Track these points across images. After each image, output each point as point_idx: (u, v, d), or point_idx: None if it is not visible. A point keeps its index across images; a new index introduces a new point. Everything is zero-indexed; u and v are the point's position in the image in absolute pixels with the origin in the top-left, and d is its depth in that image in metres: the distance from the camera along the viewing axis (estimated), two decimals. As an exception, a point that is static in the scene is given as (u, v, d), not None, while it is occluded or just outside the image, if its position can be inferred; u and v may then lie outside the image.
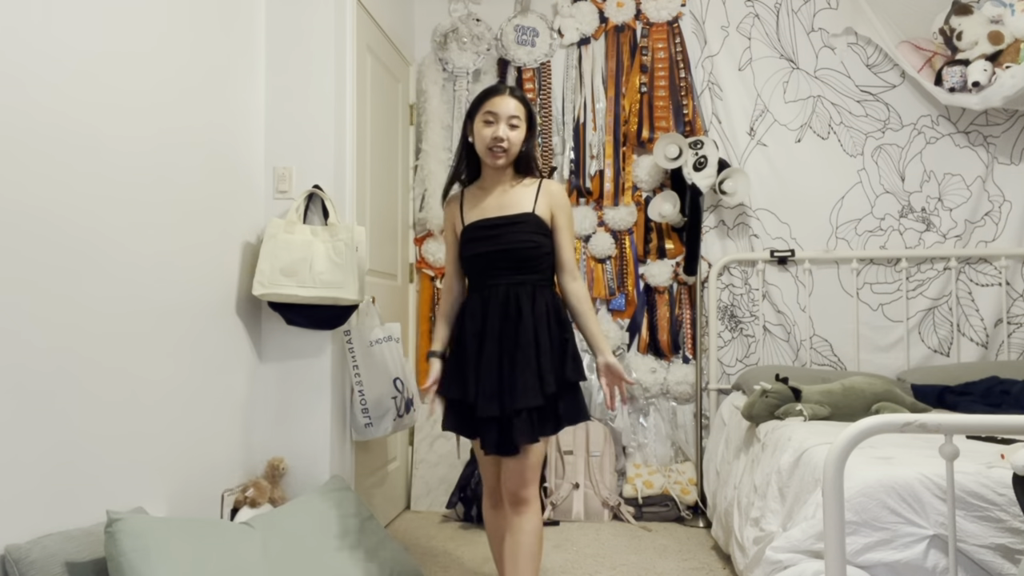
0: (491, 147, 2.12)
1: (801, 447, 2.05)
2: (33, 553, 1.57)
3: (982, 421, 1.45)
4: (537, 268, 2.14)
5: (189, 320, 2.27)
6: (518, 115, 2.13)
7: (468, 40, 3.76)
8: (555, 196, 2.19)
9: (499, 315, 2.09)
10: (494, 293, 2.11)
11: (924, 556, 1.61)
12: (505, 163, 2.16)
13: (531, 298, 2.09)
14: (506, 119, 2.11)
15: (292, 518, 2.22)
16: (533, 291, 2.11)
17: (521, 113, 2.14)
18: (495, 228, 2.14)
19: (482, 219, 2.17)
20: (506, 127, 2.11)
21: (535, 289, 2.11)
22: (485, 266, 2.15)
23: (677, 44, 3.69)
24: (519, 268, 2.12)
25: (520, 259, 2.11)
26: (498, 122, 2.11)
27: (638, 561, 2.84)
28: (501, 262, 2.12)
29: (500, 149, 2.12)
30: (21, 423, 1.64)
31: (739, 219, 3.62)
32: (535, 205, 2.15)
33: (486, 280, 2.14)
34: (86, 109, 1.85)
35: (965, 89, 3.23)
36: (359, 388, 2.77)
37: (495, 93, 2.15)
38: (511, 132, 2.12)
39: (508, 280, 2.11)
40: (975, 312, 3.44)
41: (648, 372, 3.59)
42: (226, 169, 2.50)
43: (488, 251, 2.13)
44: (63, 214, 1.77)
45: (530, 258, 2.12)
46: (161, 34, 2.15)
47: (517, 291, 2.10)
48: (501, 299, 2.10)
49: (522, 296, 2.09)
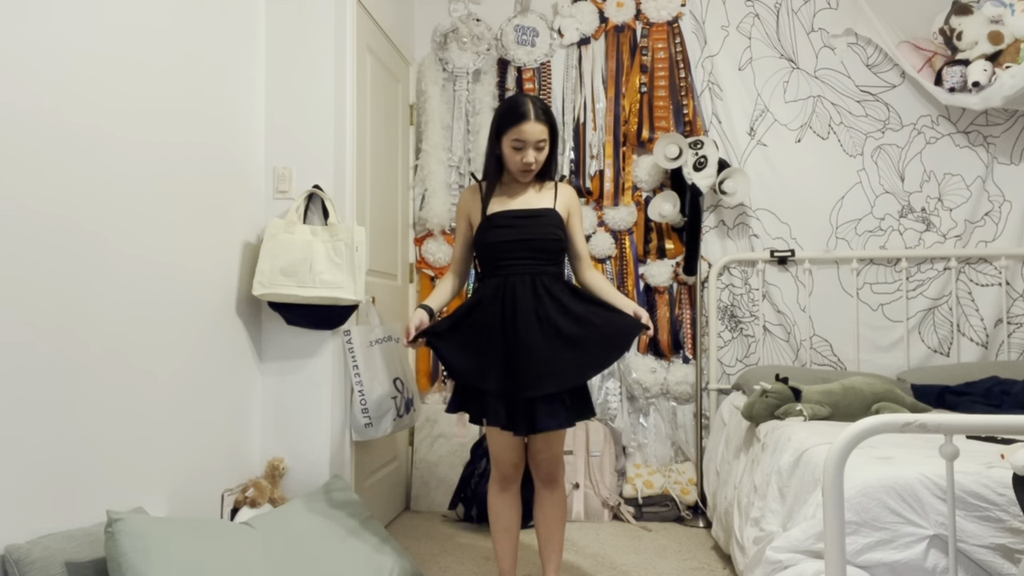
0: (523, 170, 2.27)
1: (801, 447, 2.05)
2: (33, 553, 1.58)
3: (982, 421, 1.45)
4: (556, 260, 2.29)
5: (189, 320, 2.27)
6: (544, 138, 2.24)
7: (468, 40, 3.76)
8: (570, 196, 2.37)
9: (531, 297, 2.19)
10: (520, 281, 2.21)
11: (924, 556, 1.61)
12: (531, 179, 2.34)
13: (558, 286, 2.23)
14: (534, 144, 2.23)
15: (292, 518, 2.22)
16: (552, 281, 2.24)
17: (547, 135, 2.25)
18: (519, 219, 2.26)
19: (505, 210, 2.29)
20: (534, 151, 2.24)
21: (552, 280, 2.24)
22: (508, 253, 2.25)
23: (677, 44, 3.69)
24: (541, 258, 2.24)
25: (542, 249, 2.25)
26: (526, 148, 2.23)
27: (638, 561, 2.84)
28: (524, 251, 2.23)
29: (530, 171, 2.28)
30: (21, 423, 1.64)
31: (739, 219, 3.62)
32: (555, 203, 2.32)
33: (508, 267, 2.24)
34: (86, 109, 1.85)
35: (965, 89, 3.23)
36: (359, 388, 2.77)
37: (522, 120, 2.20)
38: (539, 154, 2.25)
39: (532, 269, 2.23)
40: (975, 312, 3.44)
41: (648, 372, 3.59)
42: (226, 169, 2.50)
43: (513, 239, 2.24)
44: (63, 214, 1.77)
45: (551, 250, 2.27)
46: (161, 34, 2.15)
47: (543, 279, 2.22)
48: (529, 285, 2.20)
49: (549, 283, 2.22)
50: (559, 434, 2.28)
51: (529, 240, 2.24)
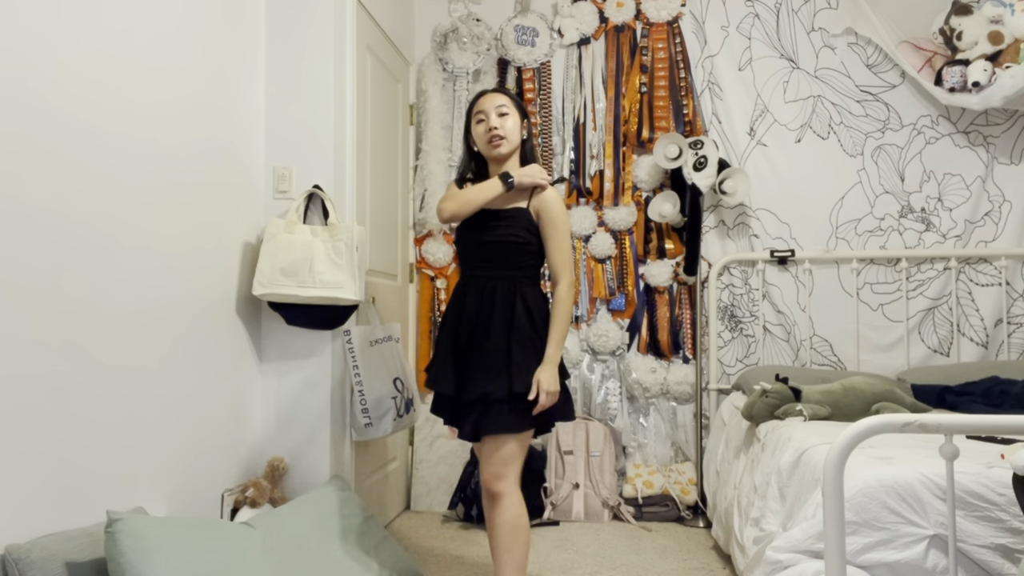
0: (489, 140, 2.22)
1: (801, 447, 2.05)
2: (33, 553, 1.57)
3: (982, 421, 1.45)
4: (520, 264, 2.18)
5: (189, 320, 2.27)
6: (504, 103, 2.22)
7: (468, 40, 3.75)
8: (546, 199, 2.20)
9: (475, 306, 2.15)
10: (475, 283, 2.19)
11: (924, 556, 1.61)
12: (507, 151, 2.23)
13: (508, 293, 2.14)
14: (494, 110, 2.21)
15: (292, 518, 2.22)
16: (512, 286, 2.15)
17: (507, 103, 2.23)
18: (490, 219, 2.19)
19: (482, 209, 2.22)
20: (496, 116, 2.21)
21: (514, 284, 2.16)
22: (472, 255, 2.22)
23: (677, 44, 3.69)
24: (503, 262, 2.17)
25: (504, 252, 2.17)
26: (488, 116, 2.21)
27: (638, 561, 2.84)
28: (487, 253, 2.18)
29: (498, 137, 2.20)
30: (21, 423, 1.64)
31: (739, 219, 3.62)
32: (528, 202, 2.21)
33: (472, 270, 2.22)
34: (87, 108, 1.85)
35: (965, 89, 3.23)
36: (359, 388, 2.77)
37: (479, 96, 2.28)
38: (502, 120, 2.21)
39: (490, 273, 2.17)
40: (975, 312, 3.44)
41: (648, 372, 3.59)
42: (226, 169, 2.50)
43: (477, 240, 2.19)
44: (64, 213, 1.77)
45: (513, 252, 2.17)
46: (162, 35, 2.15)
47: (495, 284, 2.15)
48: (479, 290, 2.16)
49: (498, 290, 2.14)
50: (493, 445, 2.12)
51: (492, 242, 2.17)
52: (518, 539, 2.12)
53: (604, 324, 3.65)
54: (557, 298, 2.15)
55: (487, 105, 2.23)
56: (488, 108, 2.22)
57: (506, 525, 2.12)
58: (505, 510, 2.12)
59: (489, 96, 2.25)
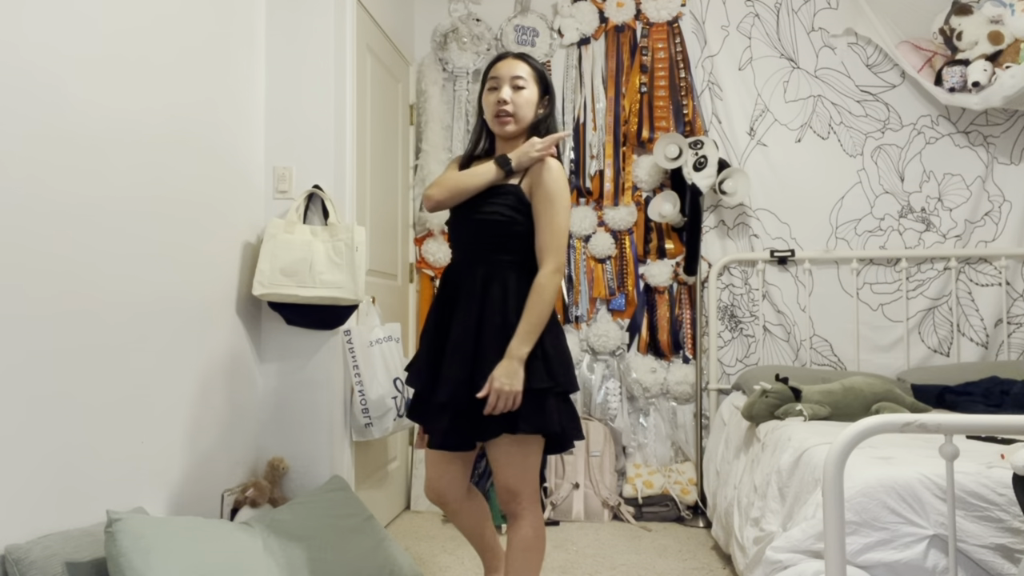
0: (496, 113, 1.93)
1: (801, 447, 2.05)
2: (33, 553, 1.57)
3: (982, 421, 1.45)
4: (507, 247, 1.90)
5: (189, 320, 2.27)
6: (523, 75, 1.93)
7: (468, 40, 3.75)
8: (540, 171, 1.90)
9: (450, 294, 1.93)
10: (452, 267, 1.98)
11: (924, 556, 1.61)
12: (515, 130, 1.95)
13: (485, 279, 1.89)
14: (509, 80, 1.93)
15: (292, 518, 2.22)
16: (490, 271, 1.89)
17: (527, 73, 1.94)
18: (477, 196, 1.92)
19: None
20: (509, 89, 1.92)
21: (498, 269, 1.89)
22: (458, 235, 1.98)
23: (677, 44, 3.69)
24: (489, 244, 1.91)
25: (490, 233, 1.90)
26: (501, 86, 1.93)
27: (638, 561, 2.84)
28: (473, 233, 1.93)
29: (505, 113, 1.92)
30: (21, 423, 1.64)
31: (739, 219, 3.62)
32: (521, 179, 1.92)
33: (457, 253, 2.00)
34: (87, 108, 1.85)
35: (965, 89, 3.22)
36: (359, 388, 2.77)
37: (499, 59, 1.98)
38: (516, 94, 1.92)
39: (473, 257, 1.93)
40: (975, 312, 3.44)
41: (648, 372, 3.59)
42: (226, 169, 2.49)
43: (464, 218, 1.94)
44: (64, 215, 1.77)
45: (499, 233, 1.89)
46: (162, 34, 2.15)
47: (473, 270, 1.91)
48: (456, 275, 1.95)
49: (477, 276, 1.89)
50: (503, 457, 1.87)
51: (479, 221, 1.90)
52: (530, 560, 1.89)
53: (604, 324, 3.65)
54: (536, 284, 1.83)
55: (503, 71, 1.94)
56: (503, 75, 1.93)
57: (518, 545, 1.89)
58: (519, 529, 1.90)
59: (507, 62, 1.95)
